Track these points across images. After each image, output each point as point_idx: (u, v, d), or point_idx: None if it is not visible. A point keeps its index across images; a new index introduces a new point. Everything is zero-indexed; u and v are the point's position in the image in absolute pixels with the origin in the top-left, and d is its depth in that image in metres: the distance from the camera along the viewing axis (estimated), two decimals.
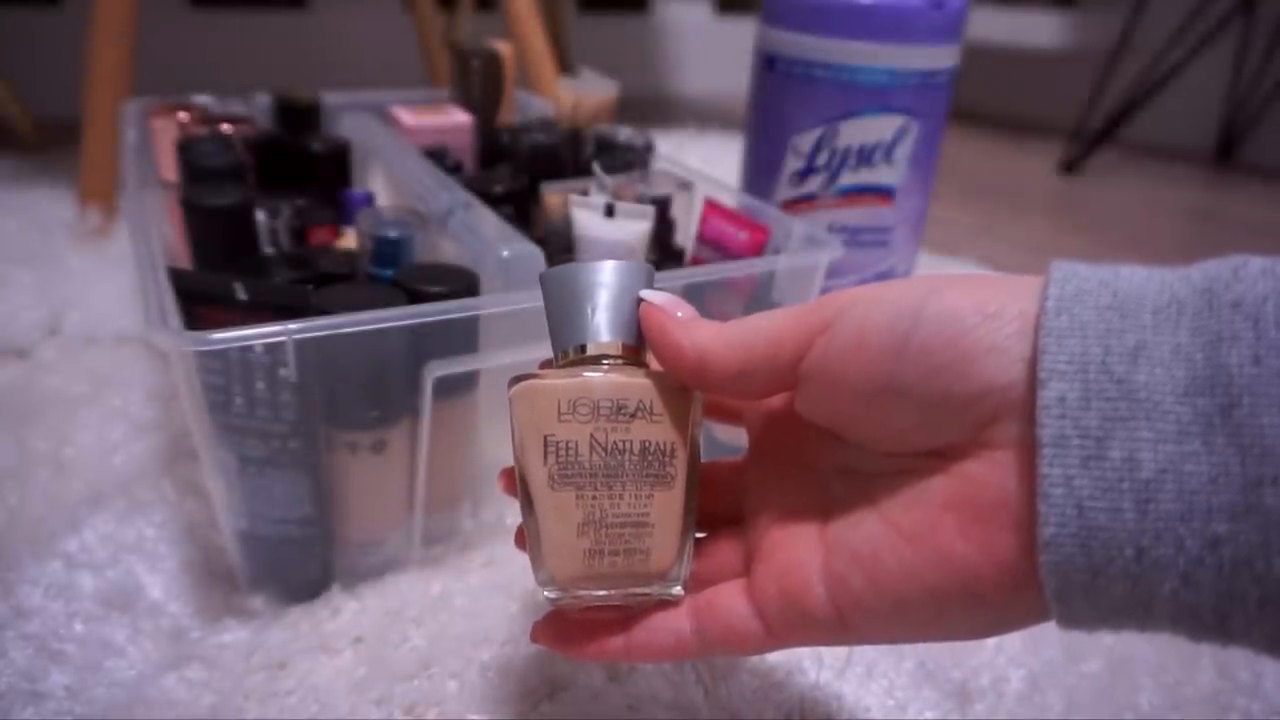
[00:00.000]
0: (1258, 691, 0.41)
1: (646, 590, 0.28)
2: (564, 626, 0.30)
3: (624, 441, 0.27)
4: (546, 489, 0.27)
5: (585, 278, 0.28)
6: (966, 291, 0.23)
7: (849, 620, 0.26)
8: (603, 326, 0.28)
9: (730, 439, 0.37)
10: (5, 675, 0.38)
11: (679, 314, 0.28)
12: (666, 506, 0.28)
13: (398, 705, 0.38)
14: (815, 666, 0.41)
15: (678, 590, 0.29)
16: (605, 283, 0.28)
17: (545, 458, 0.27)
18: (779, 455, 0.30)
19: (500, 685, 0.39)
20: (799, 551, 0.27)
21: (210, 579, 0.45)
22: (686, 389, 0.28)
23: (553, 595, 0.28)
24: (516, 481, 0.29)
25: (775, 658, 0.41)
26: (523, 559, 0.46)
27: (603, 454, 0.27)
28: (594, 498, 0.27)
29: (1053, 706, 0.40)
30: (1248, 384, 0.19)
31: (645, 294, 0.28)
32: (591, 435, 0.27)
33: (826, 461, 0.29)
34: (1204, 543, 0.20)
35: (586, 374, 0.27)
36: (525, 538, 0.29)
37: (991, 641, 0.43)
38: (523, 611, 0.43)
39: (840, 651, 0.42)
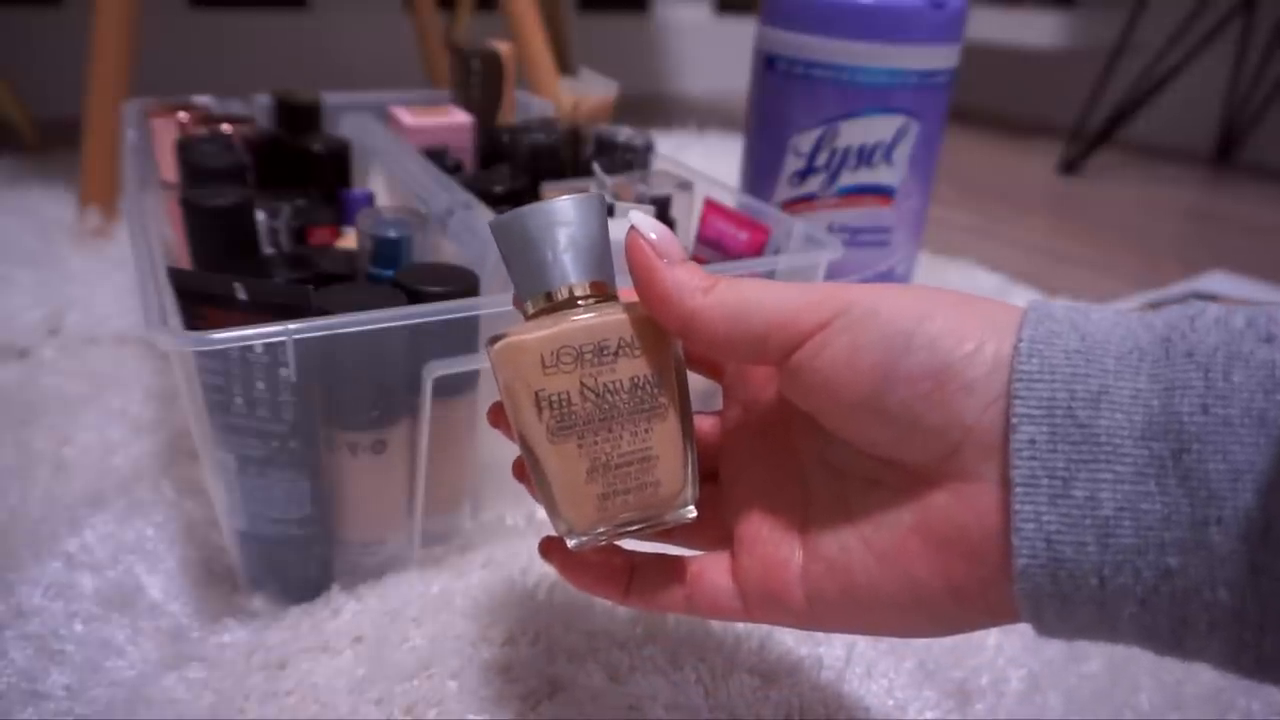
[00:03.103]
0: (1258, 690, 0.41)
1: (663, 519, 0.29)
2: (574, 556, 0.31)
3: (612, 381, 0.27)
4: (547, 443, 0.27)
5: (540, 220, 0.27)
6: (953, 319, 0.24)
7: (819, 614, 0.28)
8: (568, 268, 0.28)
9: None
10: (5, 675, 0.38)
11: (665, 251, 0.27)
12: (665, 435, 0.28)
13: (398, 705, 0.38)
14: (815, 667, 0.41)
15: (690, 511, 0.29)
16: (562, 222, 0.27)
17: (540, 413, 0.27)
18: (760, 428, 0.31)
19: (500, 685, 0.39)
20: (780, 550, 0.29)
21: (210, 579, 0.45)
22: None
23: (574, 543, 0.29)
24: (516, 437, 0.28)
25: (775, 658, 0.41)
26: (522, 559, 0.46)
27: (595, 398, 0.27)
28: (595, 443, 0.27)
29: (1053, 707, 0.40)
30: (1196, 431, 0.21)
31: (634, 220, 0.28)
32: (580, 382, 0.27)
33: (807, 449, 0.30)
34: (1158, 574, 0.22)
35: (563, 321, 0.27)
36: (532, 485, 0.29)
37: (991, 642, 0.43)
38: (523, 612, 0.43)
39: (840, 651, 0.42)
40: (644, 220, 0.28)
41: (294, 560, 0.43)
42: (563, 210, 0.27)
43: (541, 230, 0.27)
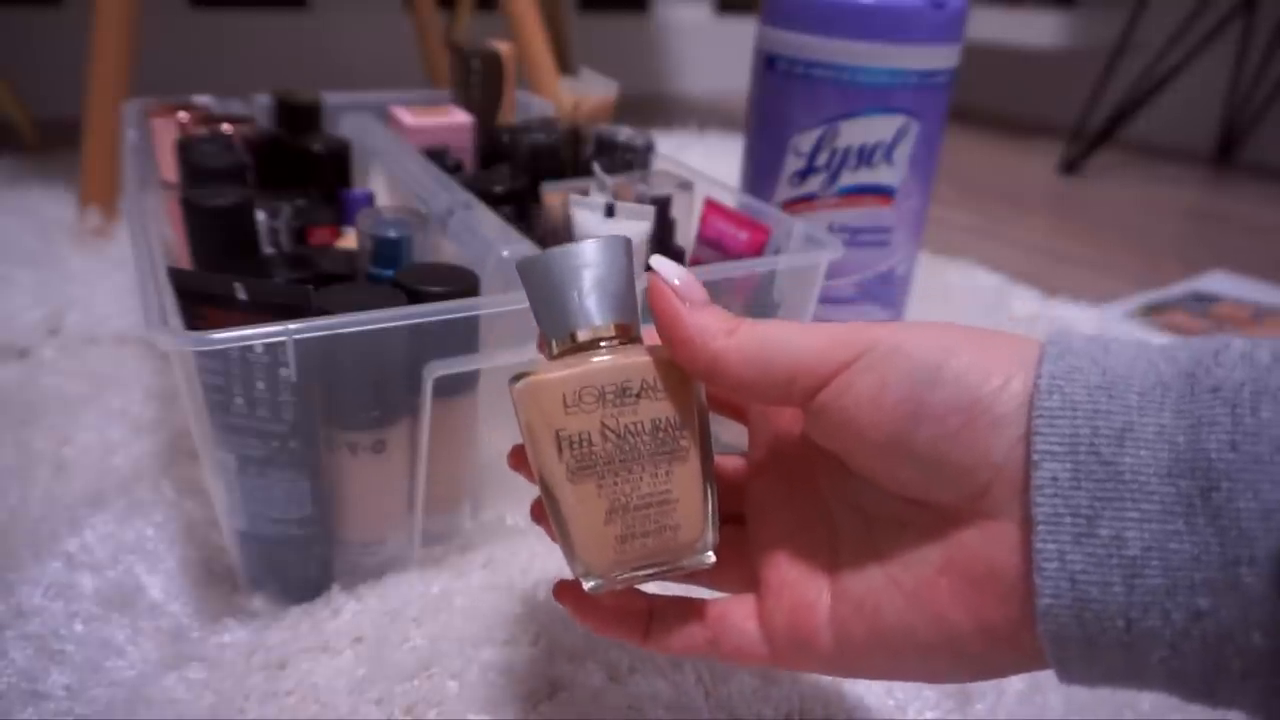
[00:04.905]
0: None
1: (681, 564, 0.29)
2: (589, 599, 0.31)
3: (634, 423, 0.27)
4: (566, 483, 0.27)
5: (566, 262, 0.28)
6: (979, 354, 0.24)
7: (847, 659, 0.28)
8: (593, 310, 0.28)
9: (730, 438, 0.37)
10: (5, 675, 0.38)
11: (688, 295, 0.27)
12: (686, 479, 0.28)
13: (398, 705, 0.38)
14: None
15: (709, 557, 0.29)
16: (587, 264, 0.28)
17: (560, 453, 0.27)
18: (785, 471, 0.31)
19: (500, 685, 0.39)
20: (808, 593, 0.29)
21: (210, 579, 0.45)
22: None
23: (591, 585, 0.29)
24: (535, 477, 0.28)
25: None
26: (522, 559, 0.46)
27: (615, 439, 0.27)
28: (615, 484, 0.27)
29: (1053, 707, 0.40)
30: (1225, 469, 0.21)
31: (656, 264, 0.28)
32: (602, 423, 0.27)
33: (833, 491, 0.29)
34: (1188, 616, 0.21)
35: (586, 362, 0.27)
36: (550, 528, 0.29)
37: None
38: (523, 611, 0.43)
39: None
40: (666, 265, 0.28)
41: (294, 560, 0.43)
42: (588, 252, 0.28)
43: (567, 272, 0.28)
